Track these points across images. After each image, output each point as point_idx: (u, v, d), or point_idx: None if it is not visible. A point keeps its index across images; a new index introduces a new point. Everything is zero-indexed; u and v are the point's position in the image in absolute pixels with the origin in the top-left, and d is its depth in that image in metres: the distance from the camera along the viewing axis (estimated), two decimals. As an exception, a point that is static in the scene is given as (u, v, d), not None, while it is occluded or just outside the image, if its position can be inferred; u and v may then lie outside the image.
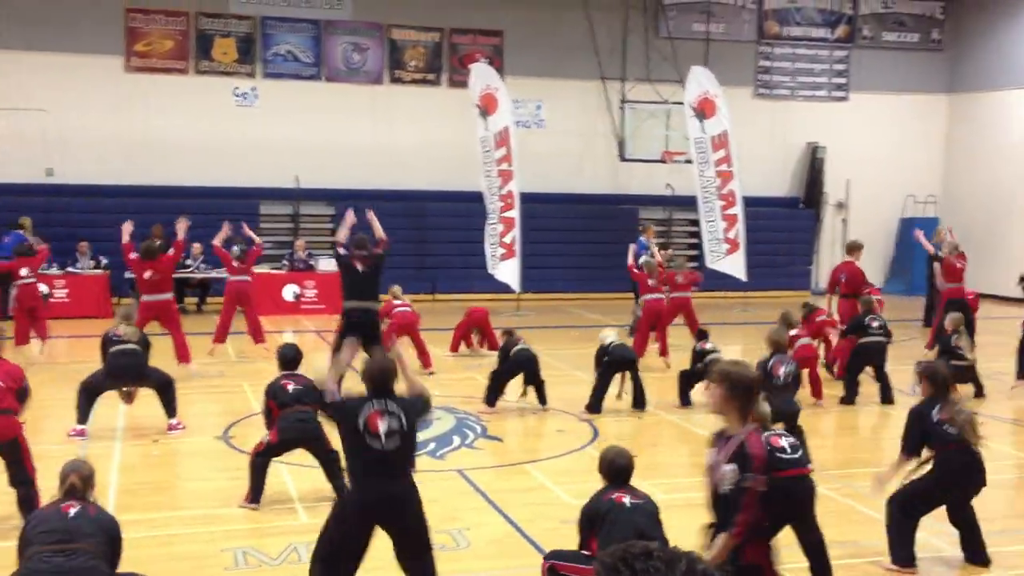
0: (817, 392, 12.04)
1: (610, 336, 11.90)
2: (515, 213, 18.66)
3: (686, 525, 7.51)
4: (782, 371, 9.52)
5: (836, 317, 14.28)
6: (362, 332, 11.18)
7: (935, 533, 7.41)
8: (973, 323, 15.45)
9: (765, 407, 6.95)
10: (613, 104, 21.73)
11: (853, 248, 15.03)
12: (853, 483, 9.17)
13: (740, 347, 16.32)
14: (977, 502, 7.39)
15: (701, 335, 12.65)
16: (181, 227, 13.33)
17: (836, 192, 24.10)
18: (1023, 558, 7.41)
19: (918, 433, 6.98)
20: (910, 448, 7.03)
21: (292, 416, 8.30)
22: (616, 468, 5.85)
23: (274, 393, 8.51)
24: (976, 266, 18.89)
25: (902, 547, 6.90)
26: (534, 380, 11.72)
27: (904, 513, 6.94)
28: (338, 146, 21.45)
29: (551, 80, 22.28)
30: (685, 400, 11.97)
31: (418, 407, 6.03)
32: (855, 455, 10.54)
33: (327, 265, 19.64)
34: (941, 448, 6.92)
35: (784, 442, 6.35)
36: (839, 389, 12.53)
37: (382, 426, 5.69)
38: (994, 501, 8.36)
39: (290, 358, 8.83)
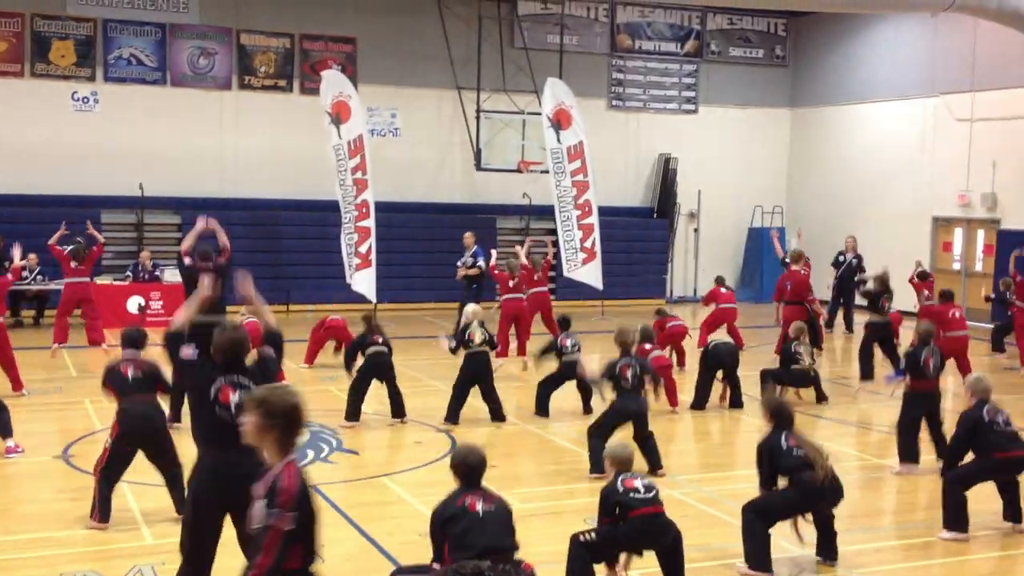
0: (672, 400, 12.27)
1: (477, 335, 11.69)
2: (370, 222, 18.42)
3: (545, 534, 7.53)
4: (629, 373, 9.68)
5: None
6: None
7: (784, 535, 7.58)
8: (819, 331, 16.14)
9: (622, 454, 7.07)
10: (469, 113, 21.73)
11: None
12: (704, 487, 9.34)
13: (598, 355, 16.50)
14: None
15: (564, 324, 12.69)
16: (17, 252, 13.28)
17: (688, 202, 24.69)
18: (867, 556, 7.66)
19: (769, 467, 7.16)
20: (765, 482, 7.19)
21: (134, 409, 7.89)
22: (469, 466, 5.83)
23: (112, 377, 8.09)
24: (820, 274, 19.65)
25: (758, 552, 7.04)
26: (388, 383, 11.55)
27: (761, 520, 7.08)
28: (185, 153, 20.77)
29: (406, 88, 22.13)
30: (543, 410, 12.01)
31: (272, 368, 5.93)
32: (707, 460, 10.75)
33: (173, 276, 18.99)
34: (795, 472, 7.07)
35: (638, 483, 6.49)
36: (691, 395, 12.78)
37: (233, 398, 5.66)
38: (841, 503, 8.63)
39: (134, 338, 8.41)
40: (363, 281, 18.48)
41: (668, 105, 24.70)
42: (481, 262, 17.62)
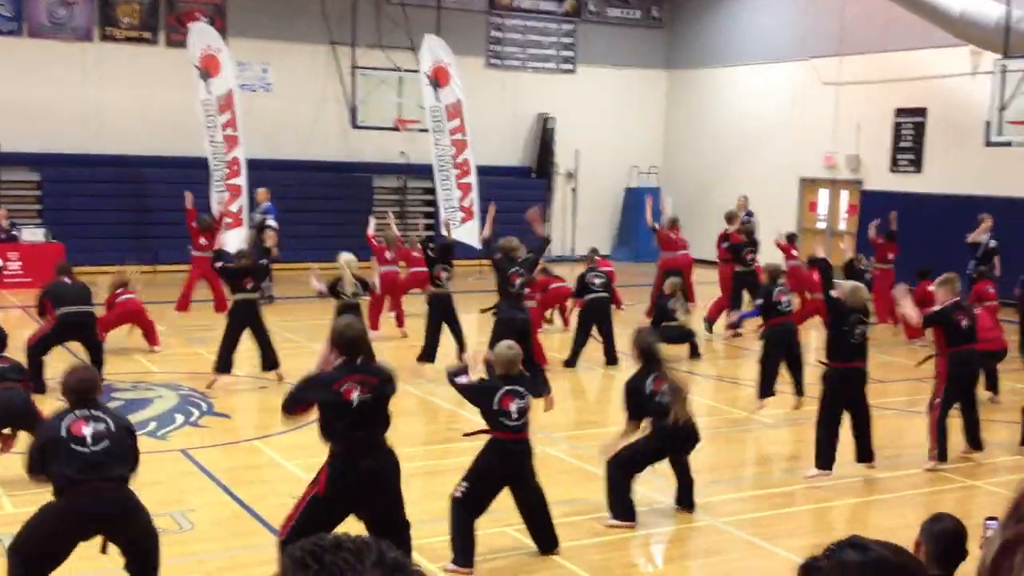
0: (541, 358, 12.32)
1: (348, 286, 11.50)
2: (242, 180, 17.96)
3: (423, 493, 7.49)
4: (517, 281, 10.22)
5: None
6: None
7: (651, 488, 7.73)
8: (690, 288, 16.63)
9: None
10: (344, 69, 21.31)
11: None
12: (579, 444, 9.45)
13: (474, 316, 16.52)
14: (693, 455, 7.78)
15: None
16: None
17: (566, 162, 24.79)
18: (734, 505, 7.88)
19: (636, 403, 7.31)
20: (633, 417, 7.37)
21: None
22: (345, 340, 5.77)
23: None
24: (694, 233, 20.01)
25: (621, 503, 7.22)
26: (259, 337, 11.25)
27: (622, 472, 7.25)
28: (43, 107, 19.80)
29: (278, 43, 21.53)
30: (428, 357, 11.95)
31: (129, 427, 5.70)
32: (582, 417, 10.87)
33: (32, 235, 18.22)
34: (656, 418, 7.25)
35: (513, 406, 6.48)
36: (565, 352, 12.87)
37: (87, 430, 5.41)
38: (705, 454, 8.85)
39: None
40: (234, 240, 18.00)
41: (546, 65, 24.69)
42: (272, 220, 17.02)
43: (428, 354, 12.01)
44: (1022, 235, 16.26)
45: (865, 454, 8.43)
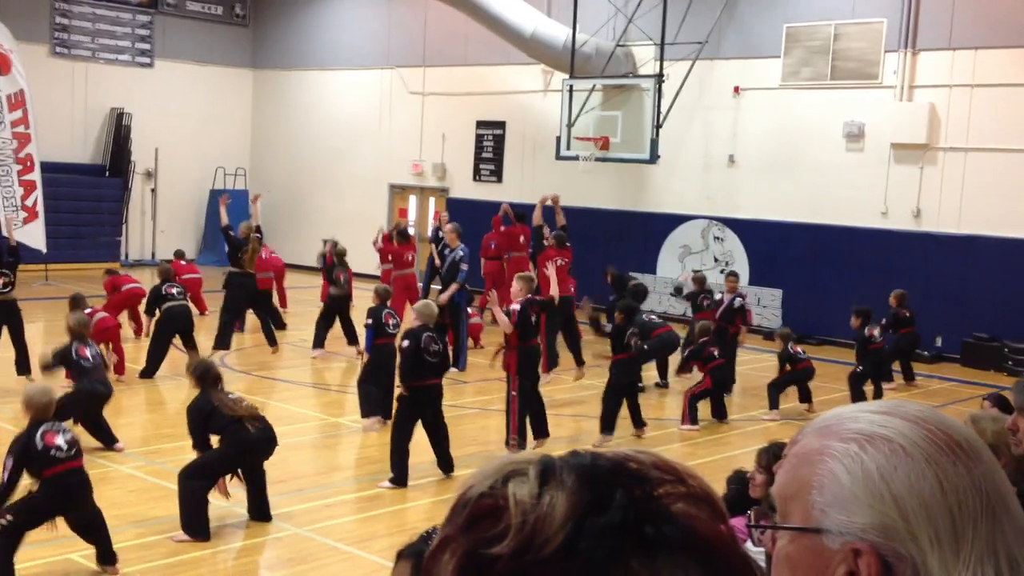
0: (120, 368, 11.48)
1: None
2: None
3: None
4: (88, 353, 9.05)
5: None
6: None
7: (232, 500, 7.35)
8: (282, 294, 16.50)
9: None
10: None
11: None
12: (156, 459, 8.83)
13: (42, 324, 15.06)
14: (279, 463, 7.50)
15: None
16: None
17: (145, 161, 23.36)
18: (318, 513, 7.70)
19: (202, 428, 7.03)
20: (200, 444, 7.06)
21: None
22: None
23: None
24: (286, 238, 19.67)
25: (193, 517, 6.90)
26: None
27: (196, 484, 6.86)
28: None
29: None
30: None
31: None
32: (159, 431, 10.20)
33: None
34: (227, 429, 6.99)
35: (60, 440, 6.11)
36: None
37: None
38: (295, 462, 8.61)
39: None
40: None
41: (120, 56, 23.14)
42: None
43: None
44: (594, 242, 17.55)
45: (446, 465, 8.51)
